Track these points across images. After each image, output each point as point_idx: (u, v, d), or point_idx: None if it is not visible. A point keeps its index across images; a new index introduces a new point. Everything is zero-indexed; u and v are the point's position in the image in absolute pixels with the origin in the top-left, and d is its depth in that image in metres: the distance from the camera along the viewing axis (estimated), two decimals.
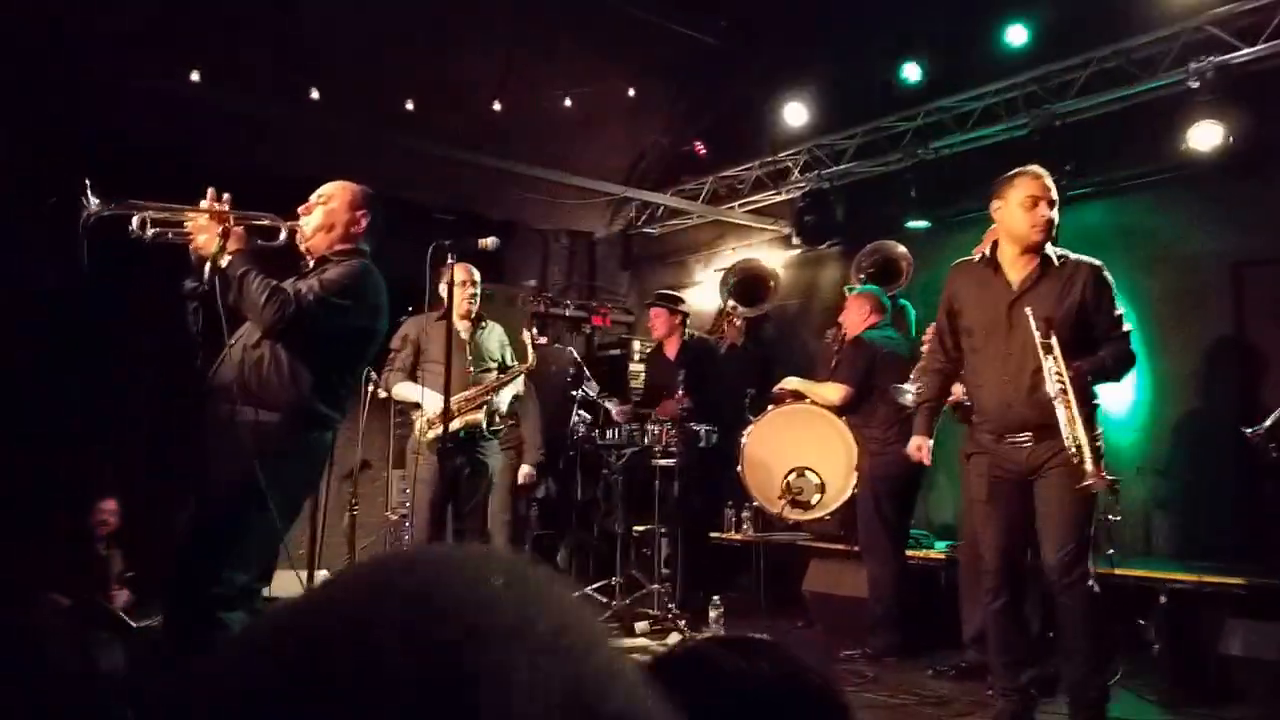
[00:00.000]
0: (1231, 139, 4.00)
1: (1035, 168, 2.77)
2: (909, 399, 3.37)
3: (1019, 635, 2.77)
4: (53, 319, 4.68)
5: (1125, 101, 4.51)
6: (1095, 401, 2.71)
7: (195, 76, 4.79)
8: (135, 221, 2.38)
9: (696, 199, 6.45)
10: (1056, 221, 2.72)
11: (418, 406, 3.90)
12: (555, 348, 5.46)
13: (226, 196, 2.45)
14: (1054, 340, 2.56)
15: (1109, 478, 2.57)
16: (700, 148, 6.45)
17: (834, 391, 4.08)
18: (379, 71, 5.27)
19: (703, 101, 6.33)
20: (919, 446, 2.96)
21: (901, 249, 5.20)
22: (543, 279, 6.40)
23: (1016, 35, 4.79)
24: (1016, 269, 2.75)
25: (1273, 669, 3.11)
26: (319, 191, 2.63)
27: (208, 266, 2.38)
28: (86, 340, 4.81)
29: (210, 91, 4.80)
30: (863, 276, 5.14)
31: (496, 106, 5.70)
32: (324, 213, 2.58)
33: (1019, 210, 2.70)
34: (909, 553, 4.18)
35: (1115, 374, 2.72)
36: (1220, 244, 4.34)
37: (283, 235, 2.56)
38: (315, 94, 5.17)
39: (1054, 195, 2.72)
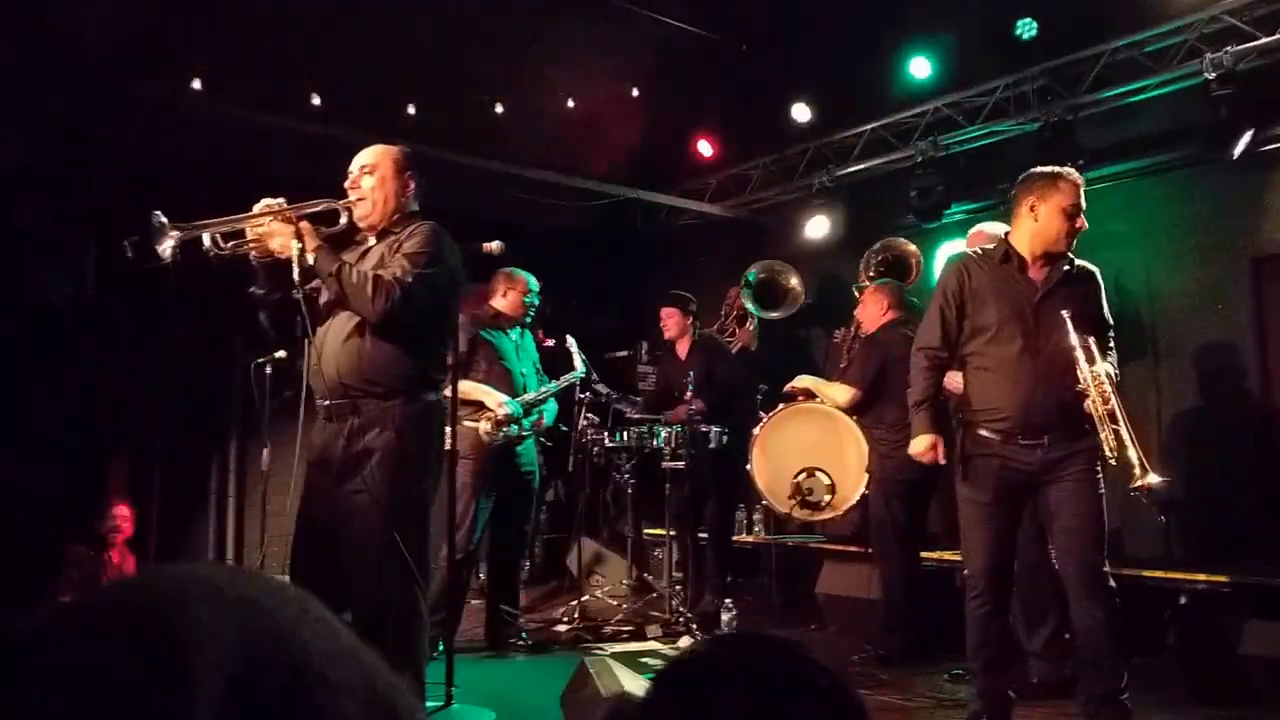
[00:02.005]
0: (1250, 131, 3.93)
1: (1075, 174, 2.68)
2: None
3: (1000, 639, 2.72)
4: (68, 325, 4.70)
5: (1139, 94, 4.44)
6: None
7: (196, 84, 4.78)
8: (207, 240, 2.37)
9: (702, 198, 6.41)
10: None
11: (478, 406, 3.82)
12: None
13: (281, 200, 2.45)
14: (1092, 342, 2.52)
15: (1160, 479, 2.46)
16: (705, 146, 6.40)
17: (842, 393, 4.03)
18: (380, 76, 5.25)
19: (707, 100, 6.28)
20: (933, 445, 2.76)
21: (911, 246, 5.14)
22: (548, 282, 6.36)
23: (1026, 29, 4.72)
24: (1037, 268, 2.69)
25: None
26: (359, 161, 2.59)
27: (296, 270, 2.36)
28: (101, 346, 4.83)
29: (211, 99, 4.80)
30: (872, 274, 5.09)
31: (499, 109, 5.68)
32: (375, 184, 2.55)
33: (1058, 216, 2.61)
34: (924, 554, 4.13)
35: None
36: (1240, 238, 4.27)
37: (343, 219, 2.55)
38: (316, 100, 5.16)
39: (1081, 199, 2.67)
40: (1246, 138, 3.92)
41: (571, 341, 4.35)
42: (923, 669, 3.67)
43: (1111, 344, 2.73)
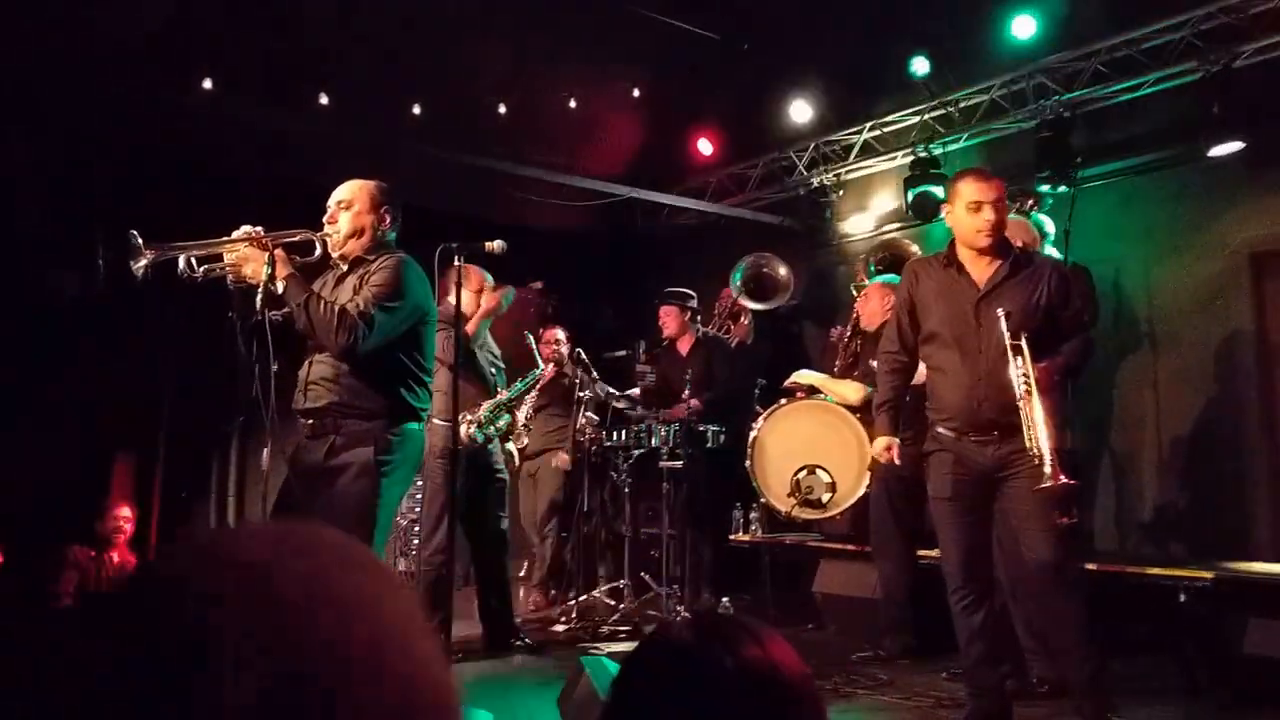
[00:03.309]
0: (1238, 140, 3.93)
1: (977, 169, 2.76)
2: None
3: (985, 633, 2.73)
4: (71, 324, 4.71)
5: (1136, 91, 4.45)
6: (1064, 400, 2.77)
7: (207, 84, 4.80)
8: (182, 262, 2.43)
9: (702, 197, 6.42)
10: (1001, 221, 2.70)
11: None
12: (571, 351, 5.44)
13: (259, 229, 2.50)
14: (1023, 341, 2.57)
15: (1067, 481, 2.53)
16: (705, 145, 6.41)
17: (855, 391, 4.00)
18: (386, 76, 5.27)
19: (707, 99, 6.29)
20: (889, 447, 2.90)
21: (913, 246, 5.13)
22: (549, 281, 6.38)
23: (1024, 27, 4.73)
24: (980, 268, 2.74)
25: None
26: (337, 197, 2.65)
27: (259, 295, 2.41)
28: (103, 346, 4.84)
29: (219, 99, 4.81)
30: (872, 272, 5.08)
31: (502, 109, 5.69)
32: (350, 219, 2.62)
33: (965, 215, 2.71)
34: (922, 553, 4.12)
35: (1078, 370, 2.74)
36: (1238, 233, 4.27)
37: (318, 251, 2.61)
38: (324, 99, 5.18)
39: (997, 195, 2.69)
40: (1234, 146, 3.94)
41: (532, 339, 4.35)
42: (922, 668, 3.66)
43: (1078, 329, 2.72)
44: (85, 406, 4.78)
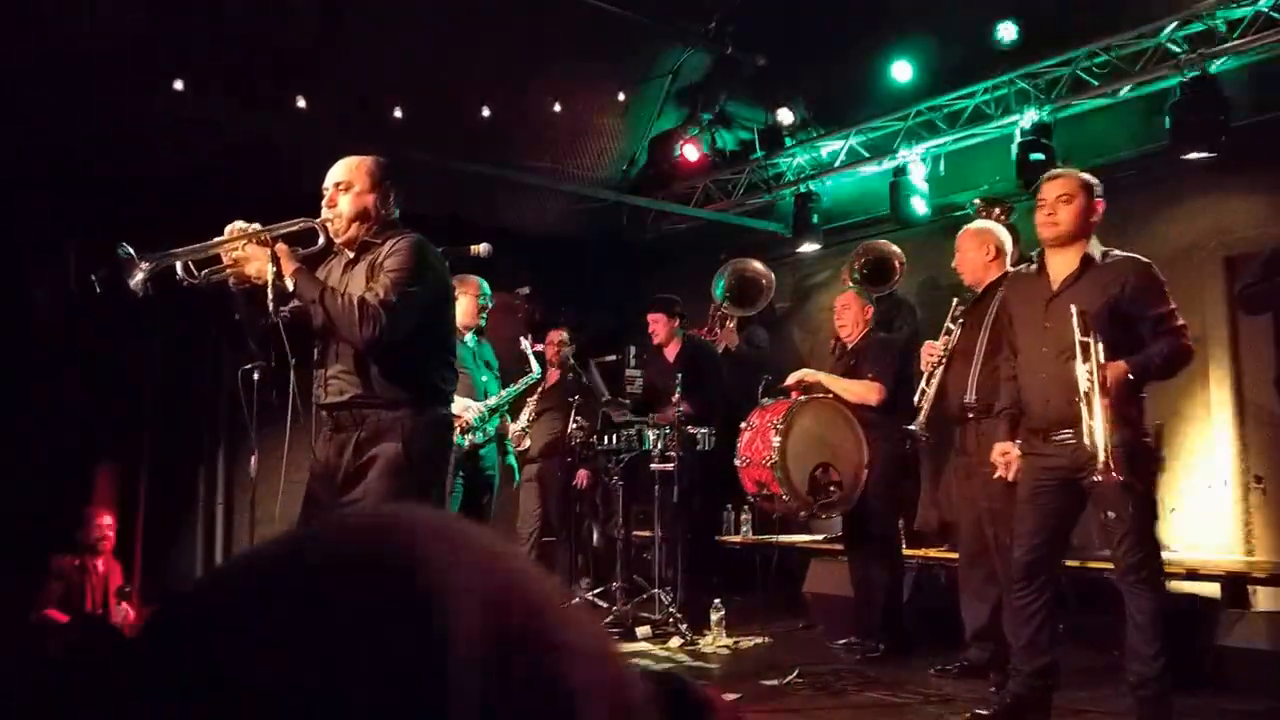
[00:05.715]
0: (1219, 134, 4.02)
1: (1054, 170, 2.87)
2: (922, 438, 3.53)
3: (1041, 628, 2.75)
4: (53, 332, 4.65)
5: (1115, 96, 4.53)
6: (1142, 397, 2.69)
7: (179, 86, 4.75)
8: (179, 268, 2.26)
9: (688, 202, 6.44)
10: (1055, 218, 2.74)
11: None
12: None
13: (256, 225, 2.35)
14: (1091, 338, 2.54)
15: (1118, 477, 2.49)
16: (692, 150, 6.44)
17: (872, 390, 3.98)
18: (366, 79, 5.25)
19: (693, 104, 6.33)
20: (1005, 452, 2.88)
21: (895, 249, 5.18)
22: (535, 285, 6.38)
23: (1006, 32, 4.80)
24: (1057, 268, 2.78)
25: (1268, 659, 3.13)
26: (334, 179, 2.47)
27: (269, 294, 2.27)
28: (85, 353, 4.78)
29: (195, 103, 4.77)
30: (856, 277, 5.13)
31: (485, 113, 5.68)
32: (351, 201, 2.44)
33: (1037, 213, 2.82)
34: (916, 552, 4.15)
35: (1161, 371, 2.68)
36: (1211, 236, 4.36)
37: (321, 239, 2.46)
38: (302, 103, 5.15)
39: (1059, 193, 2.74)
40: (1207, 151, 4.03)
41: (526, 344, 4.38)
42: (911, 665, 3.71)
43: (1164, 332, 2.65)
44: (67, 414, 4.73)
